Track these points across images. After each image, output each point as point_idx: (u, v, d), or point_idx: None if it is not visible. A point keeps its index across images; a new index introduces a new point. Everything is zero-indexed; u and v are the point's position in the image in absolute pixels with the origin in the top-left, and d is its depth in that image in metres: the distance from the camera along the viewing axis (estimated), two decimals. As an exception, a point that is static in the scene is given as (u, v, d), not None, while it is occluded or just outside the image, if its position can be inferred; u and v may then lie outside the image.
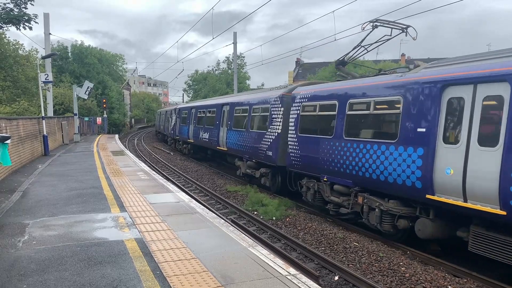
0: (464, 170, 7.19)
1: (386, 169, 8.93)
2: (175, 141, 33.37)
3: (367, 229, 10.47)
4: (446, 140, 7.70)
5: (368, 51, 11.72)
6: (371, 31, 10.94)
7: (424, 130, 8.06)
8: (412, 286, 7.21)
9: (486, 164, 6.85)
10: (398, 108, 8.84)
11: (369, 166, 9.44)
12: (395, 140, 8.77)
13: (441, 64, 8.26)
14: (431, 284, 7.16)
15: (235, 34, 34.71)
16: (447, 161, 7.55)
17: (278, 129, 13.90)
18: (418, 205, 8.59)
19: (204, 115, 23.61)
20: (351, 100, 10.47)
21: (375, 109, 9.65)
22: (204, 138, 22.69)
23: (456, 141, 7.48)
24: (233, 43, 34.71)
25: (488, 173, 6.79)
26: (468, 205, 7.15)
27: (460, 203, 7.30)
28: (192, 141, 25.92)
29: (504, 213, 6.56)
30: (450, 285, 7.11)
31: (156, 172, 16.87)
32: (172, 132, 33.93)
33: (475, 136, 7.14)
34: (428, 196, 7.88)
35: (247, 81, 60.81)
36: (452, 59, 8.27)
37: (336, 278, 7.80)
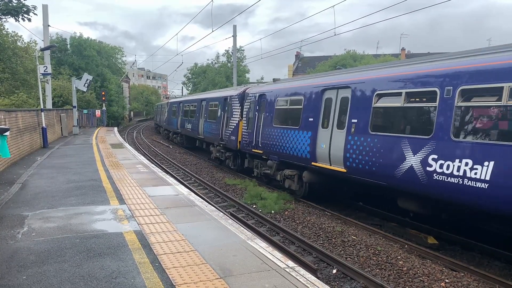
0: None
1: None
2: (236, 155, 18.61)
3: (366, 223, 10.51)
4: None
5: None
6: None
7: None
8: (410, 279, 7.26)
9: None
10: None
11: None
12: None
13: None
14: (429, 278, 7.20)
15: (234, 27, 34.53)
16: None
17: None
18: None
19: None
20: None
21: None
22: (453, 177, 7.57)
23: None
24: (232, 36, 34.53)
25: None
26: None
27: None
28: (335, 169, 10.90)
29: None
30: (447, 278, 7.15)
31: (155, 165, 16.88)
32: (232, 139, 17.91)
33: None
34: None
35: (246, 74, 60.69)
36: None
37: (334, 271, 7.84)
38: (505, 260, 8.20)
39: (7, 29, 24.28)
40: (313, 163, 11.86)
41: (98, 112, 42.47)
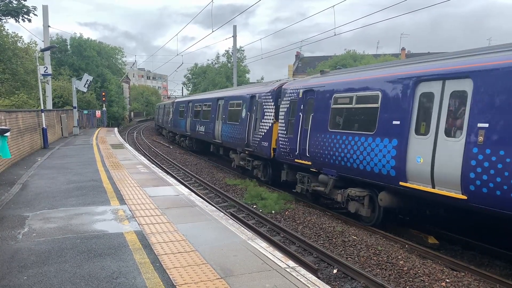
0: None
1: None
2: (267, 164, 15.72)
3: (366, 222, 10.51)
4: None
5: None
6: None
7: None
8: (410, 279, 7.26)
9: None
10: None
11: None
12: None
13: None
14: (429, 278, 7.20)
15: (234, 27, 34.54)
16: None
17: None
18: None
19: None
20: None
21: None
22: None
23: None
24: (232, 36, 34.54)
25: None
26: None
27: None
28: (443, 194, 8.08)
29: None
30: (447, 278, 7.15)
31: (155, 166, 16.89)
32: (264, 145, 14.97)
33: None
34: None
35: (246, 74, 60.70)
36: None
37: (335, 271, 7.84)
38: (506, 260, 8.20)
39: (7, 30, 24.30)
40: (401, 183, 8.76)
41: (98, 113, 42.51)
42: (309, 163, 12.00)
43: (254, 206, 12.69)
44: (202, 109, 24.19)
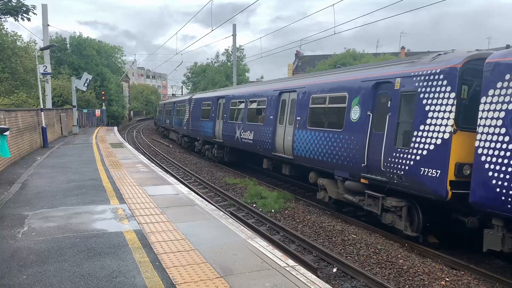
0: None
1: None
2: (414, 206, 9.01)
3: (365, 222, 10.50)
4: None
5: None
6: None
7: None
8: (410, 278, 7.26)
9: None
10: None
11: None
12: None
13: None
14: (429, 276, 7.21)
15: (234, 26, 34.50)
16: None
17: None
18: None
19: None
20: None
21: None
22: None
23: None
24: (232, 35, 34.51)
25: None
26: None
27: None
28: None
29: None
30: (447, 277, 7.16)
31: (155, 165, 16.89)
32: (430, 174, 8.01)
33: None
34: None
35: (246, 73, 60.66)
36: None
37: (335, 270, 7.84)
38: (505, 259, 8.20)
39: (7, 28, 24.33)
40: None
41: (98, 112, 42.48)
42: None
43: (254, 205, 12.69)
44: (246, 107, 17.72)
